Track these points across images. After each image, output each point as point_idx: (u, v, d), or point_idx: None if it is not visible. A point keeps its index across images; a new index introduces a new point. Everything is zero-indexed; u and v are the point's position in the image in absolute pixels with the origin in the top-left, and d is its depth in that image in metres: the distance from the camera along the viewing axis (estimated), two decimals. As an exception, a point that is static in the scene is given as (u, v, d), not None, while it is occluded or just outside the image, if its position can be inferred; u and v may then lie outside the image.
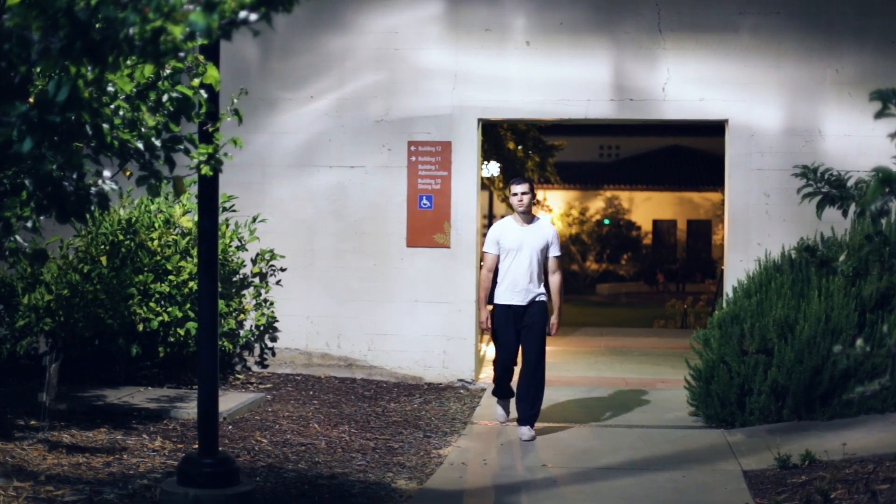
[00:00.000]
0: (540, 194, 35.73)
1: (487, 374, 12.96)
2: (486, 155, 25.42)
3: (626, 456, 9.00)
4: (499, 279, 10.09)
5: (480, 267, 10.69)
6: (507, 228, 10.18)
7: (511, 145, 26.77)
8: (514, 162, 26.95)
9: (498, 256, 10.13)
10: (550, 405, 11.16)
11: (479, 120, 12.63)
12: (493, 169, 26.12)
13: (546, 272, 10.21)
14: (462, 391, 12.00)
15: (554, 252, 10.18)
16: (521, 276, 9.98)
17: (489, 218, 28.98)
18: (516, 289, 10.00)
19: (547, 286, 10.19)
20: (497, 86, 12.57)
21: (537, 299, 10.00)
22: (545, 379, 10.06)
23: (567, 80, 12.49)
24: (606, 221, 41.86)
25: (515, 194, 10.09)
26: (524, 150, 27.51)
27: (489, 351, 15.12)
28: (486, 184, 25.83)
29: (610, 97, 12.46)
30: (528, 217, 10.16)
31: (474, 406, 11.16)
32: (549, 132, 29.19)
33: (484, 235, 10.82)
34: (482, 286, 10.34)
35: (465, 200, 12.53)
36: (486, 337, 13.11)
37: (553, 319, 10.11)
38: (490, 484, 8.14)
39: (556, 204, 40.66)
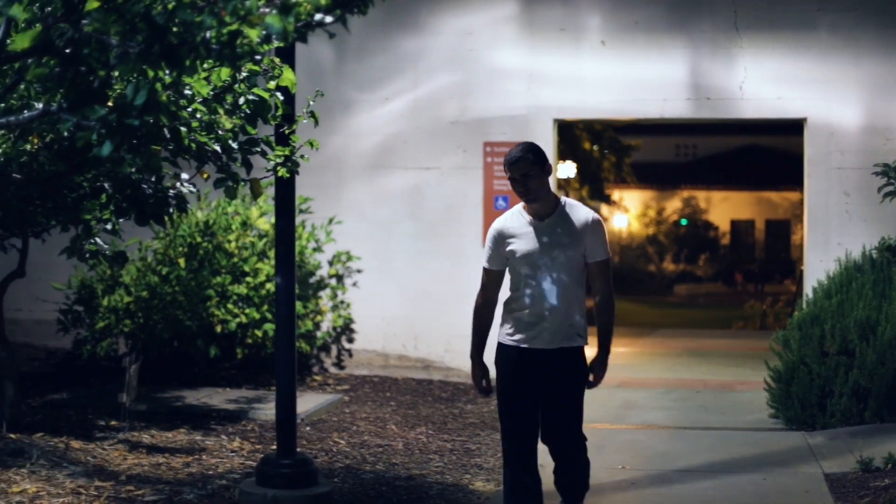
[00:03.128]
0: (616, 194, 35.51)
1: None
2: (562, 155, 25.34)
3: (705, 458, 8.92)
4: (504, 308, 6.45)
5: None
6: (512, 225, 6.34)
7: (587, 145, 26.67)
8: (589, 162, 26.86)
9: (502, 273, 6.47)
10: (627, 407, 11.09)
11: (555, 120, 12.58)
12: (569, 169, 26.03)
13: (586, 287, 6.47)
14: (539, 392, 11.95)
15: (597, 253, 6.27)
16: (543, 301, 6.22)
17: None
18: (535, 324, 6.24)
19: (587, 311, 6.49)
20: (572, 86, 12.52)
21: (572, 343, 6.28)
22: (589, 464, 6.77)
23: (642, 80, 12.41)
24: (684, 222, 41.59)
25: (512, 179, 6.24)
26: (600, 151, 27.40)
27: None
28: (562, 184, 25.73)
29: (686, 96, 12.37)
30: (545, 205, 6.25)
31: (551, 407, 11.10)
32: (624, 132, 29.04)
33: None
34: (475, 324, 6.51)
35: (541, 201, 12.48)
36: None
37: (593, 374, 6.43)
38: (567, 485, 8.09)
39: (633, 204, 40.47)
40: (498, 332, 6.47)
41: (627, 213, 39.26)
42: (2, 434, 8.46)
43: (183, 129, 5.53)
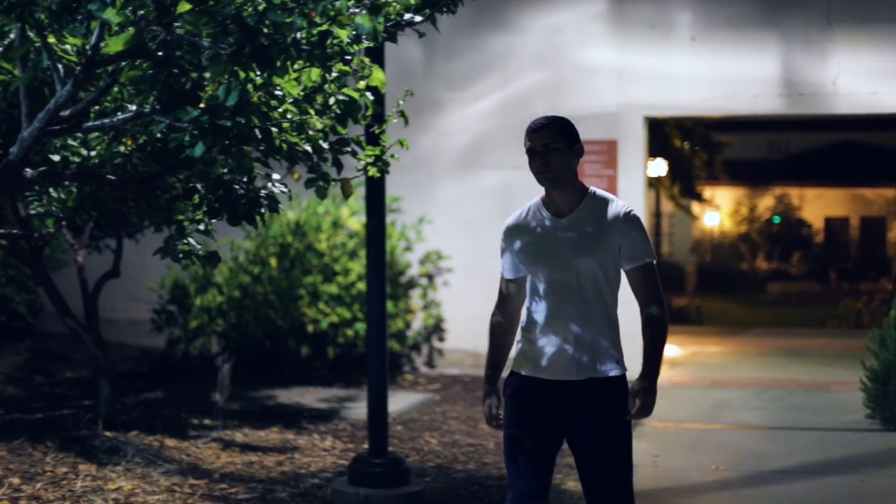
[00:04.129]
0: (707, 192, 35.19)
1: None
2: (653, 153, 25.18)
3: (800, 459, 8.80)
4: (520, 329, 5.14)
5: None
6: (525, 222, 5.15)
7: (678, 143, 26.47)
8: (680, 160, 26.65)
9: (522, 282, 5.19)
10: (719, 407, 10.98)
11: (645, 118, 12.50)
12: (659, 168, 25.86)
13: (628, 300, 5.13)
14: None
15: (635, 257, 4.97)
16: (563, 319, 4.95)
17: (657, 217, 28.69)
18: (553, 348, 4.96)
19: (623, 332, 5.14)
20: (662, 83, 12.43)
21: (606, 372, 4.94)
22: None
23: (733, 76, 12.29)
24: (776, 219, 41.14)
25: (531, 152, 4.99)
26: (691, 148, 27.18)
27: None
28: (653, 182, 25.56)
29: (778, 92, 12.22)
30: (567, 196, 5.02)
31: (643, 407, 11.01)
32: (716, 129, 28.78)
33: (654, 235, 10.15)
34: (490, 344, 5.28)
35: (632, 199, 12.40)
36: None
37: (637, 401, 4.90)
38: (660, 486, 8.03)
39: (725, 202, 40.10)
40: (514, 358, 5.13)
41: (719, 210, 38.90)
42: (98, 432, 8.57)
43: (274, 129, 5.54)
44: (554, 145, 4.97)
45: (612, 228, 4.96)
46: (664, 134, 25.91)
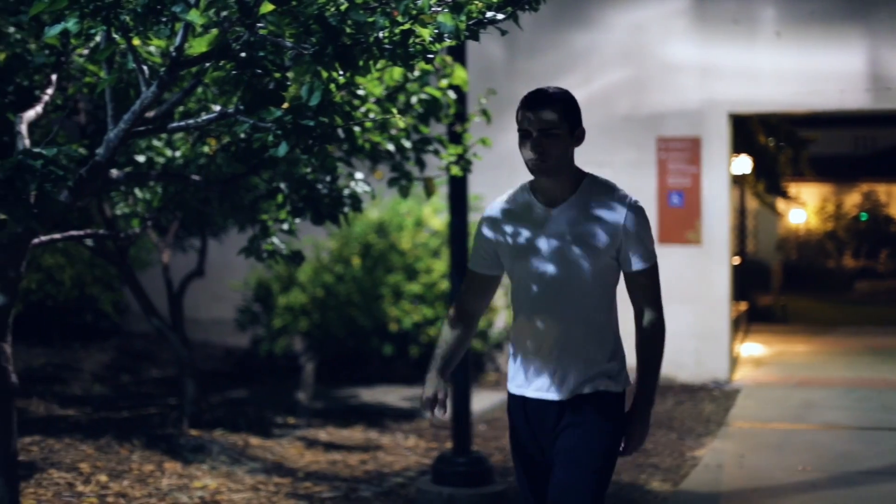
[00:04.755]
0: (793, 189, 34.81)
1: (742, 374, 12.70)
2: (737, 149, 24.93)
3: (889, 460, 8.66)
4: (512, 335, 4.52)
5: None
6: (509, 210, 4.43)
7: (762, 139, 26.21)
8: (765, 156, 26.37)
9: (487, 280, 4.51)
10: (806, 407, 10.85)
11: (730, 115, 12.38)
12: (744, 165, 25.63)
13: (628, 308, 4.54)
14: (715, 392, 11.77)
15: (636, 258, 4.34)
16: (550, 327, 4.32)
17: (742, 214, 28.44)
18: (540, 362, 4.35)
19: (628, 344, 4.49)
20: (746, 79, 12.30)
21: (598, 387, 4.32)
22: None
23: (819, 71, 12.13)
24: (864, 216, 40.60)
25: (524, 133, 4.26)
26: (776, 144, 26.89)
27: (744, 349, 14.84)
28: (737, 180, 25.34)
29: (865, 87, 12.05)
30: (562, 183, 4.35)
31: (728, 407, 10.92)
32: (801, 125, 28.46)
33: (739, 233, 9.91)
34: (444, 335, 4.55)
35: (717, 197, 12.30)
36: (742, 334, 12.83)
37: (629, 424, 4.40)
38: (746, 486, 7.95)
39: (811, 199, 39.67)
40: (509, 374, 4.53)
41: (805, 207, 38.48)
42: (183, 430, 8.65)
43: (357, 129, 5.57)
44: (554, 131, 4.26)
45: (613, 222, 4.28)
46: (749, 130, 25.65)
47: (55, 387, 10.91)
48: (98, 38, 4.75)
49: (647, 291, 4.46)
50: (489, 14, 4.53)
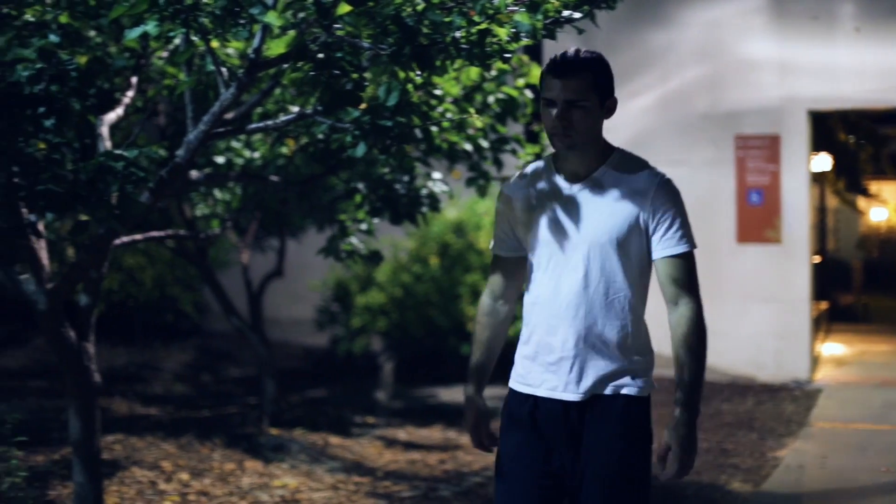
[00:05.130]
0: (874, 187, 34.38)
1: (823, 374, 12.56)
2: (817, 147, 24.67)
3: (974, 460, 8.55)
4: (524, 322, 4.01)
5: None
6: (528, 186, 3.99)
7: (842, 136, 25.92)
8: (845, 154, 26.08)
9: (516, 262, 4.07)
10: (889, 407, 10.71)
11: (809, 111, 12.26)
12: (824, 162, 25.35)
13: (656, 298, 4.10)
14: (796, 391, 11.66)
15: (669, 243, 3.87)
16: (566, 316, 3.84)
17: (822, 212, 28.13)
18: (554, 356, 3.87)
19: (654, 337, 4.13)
20: (825, 75, 12.17)
21: (621, 388, 3.90)
22: None
23: (901, 67, 11.98)
24: (948, 214, 40.04)
25: (548, 103, 3.80)
26: (856, 142, 26.59)
27: (825, 349, 14.68)
28: (817, 178, 25.06)
29: (948, 83, 11.88)
30: (588, 157, 3.92)
31: (810, 407, 10.81)
32: (882, 122, 28.10)
33: (819, 231, 9.68)
34: (474, 338, 4.17)
35: (796, 194, 12.18)
36: (823, 333, 12.69)
37: (671, 441, 3.94)
38: (829, 488, 7.86)
39: (893, 197, 39.17)
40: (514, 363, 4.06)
41: (886, 205, 38.00)
42: (263, 429, 8.71)
43: (434, 128, 5.58)
44: (582, 102, 3.81)
45: (642, 201, 3.82)
46: (828, 128, 25.37)
47: (137, 386, 11.04)
48: (177, 41, 4.81)
49: (681, 281, 3.91)
50: (566, 13, 4.52)
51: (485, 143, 6.34)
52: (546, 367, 3.90)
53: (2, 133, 4.48)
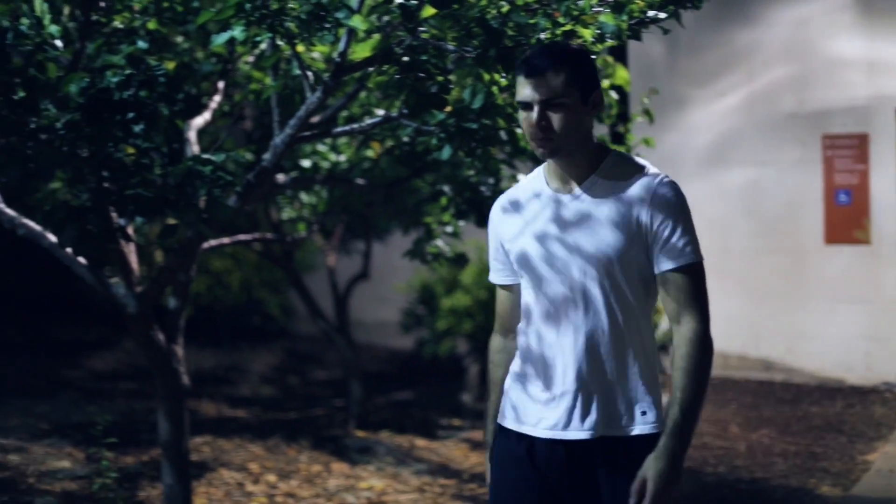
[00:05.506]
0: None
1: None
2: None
3: None
4: (517, 355, 3.68)
5: None
6: (519, 202, 3.63)
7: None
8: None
9: (517, 288, 3.69)
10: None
11: (899, 110, 12.10)
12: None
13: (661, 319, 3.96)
14: (887, 394, 11.50)
15: (671, 255, 3.48)
16: (562, 345, 3.46)
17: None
18: (551, 391, 3.49)
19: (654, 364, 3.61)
20: (917, 73, 12.00)
21: (631, 428, 3.47)
22: None
23: None
24: None
25: (524, 106, 3.38)
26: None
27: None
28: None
29: None
30: (577, 160, 3.47)
31: (901, 409, 10.67)
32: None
33: None
34: (490, 372, 3.93)
35: (885, 194, 12.00)
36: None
37: (647, 474, 3.31)
38: (918, 491, 7.76)
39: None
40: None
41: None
42: (350, 432, 8.75)
43: (519, 130, 5.57)
44: (560, 100, 3.36)
45: (640, 208, 3.43)
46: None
47: (225, 388, 11.14)
48: (263, 46, 4.86)
49: (684, 298, 3.44)
50: (651, 13, 4.50)
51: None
52: (544, 403, 3.49)
53: (92, 139, 4.55)
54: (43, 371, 10.86)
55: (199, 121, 6.30)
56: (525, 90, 3.37)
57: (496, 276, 3.76)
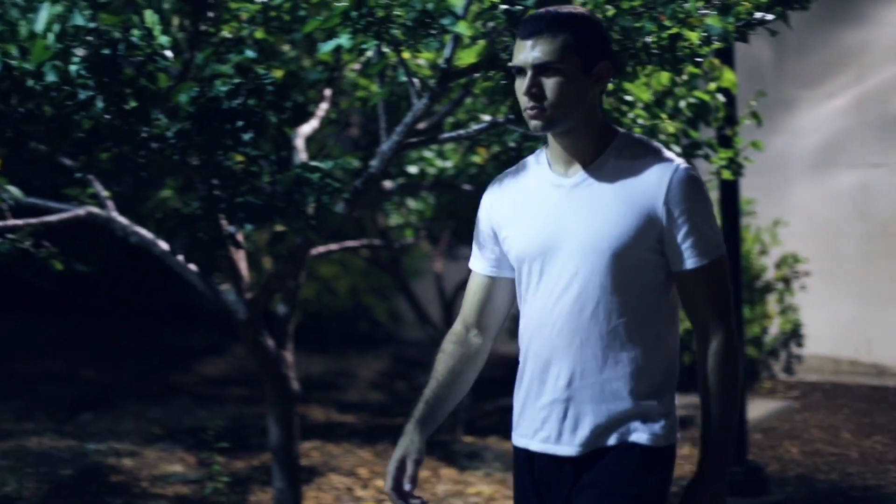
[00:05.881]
0: None
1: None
2: None
3: None
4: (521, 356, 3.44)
5: None
6: (517, 186, 3.25)
7: None
8: None
9: (490, 283, 3.46)
10: None
11: None
12: None
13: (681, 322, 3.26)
14: None
15: (689, 252, 3.03)
16: (558, 347, 3.16)
17: None
18: (545, 399, 3.22)
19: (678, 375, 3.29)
20: None
21: (626, 436, 3.10)
22: None
23: None
24: None
25: (518, 71, 3.06)
26: None
27: None
28: None
29: None
30: (581, 140, 3.08)
31: None
32: None
33: None
34: (436, 362, 3.56)
35: None
36: None
37: (706, 490, 3.27)
38: None
39: None
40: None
41: None
42: (458, 437, 8.77)
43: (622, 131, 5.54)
44: (555, 65, 2.99)
45: (653, 197, 3.00)
46: None
47: (333, 393, 11.22)
48: (369, 53, 4.89)
49: (706, 301, 3.06)
50: (758, 14, 4.46)
51: (677, 149, 6.27)
52: (539, 411, 3.19)
53: (202, 147, 4.62)
54: (155, 376, 11.04)
55: (307, 128, 6.37)
56: (520, 54, 3.03)
57: (478, 264, 3.39)
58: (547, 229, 3.09)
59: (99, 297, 12.62)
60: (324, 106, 6.50)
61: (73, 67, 4.20)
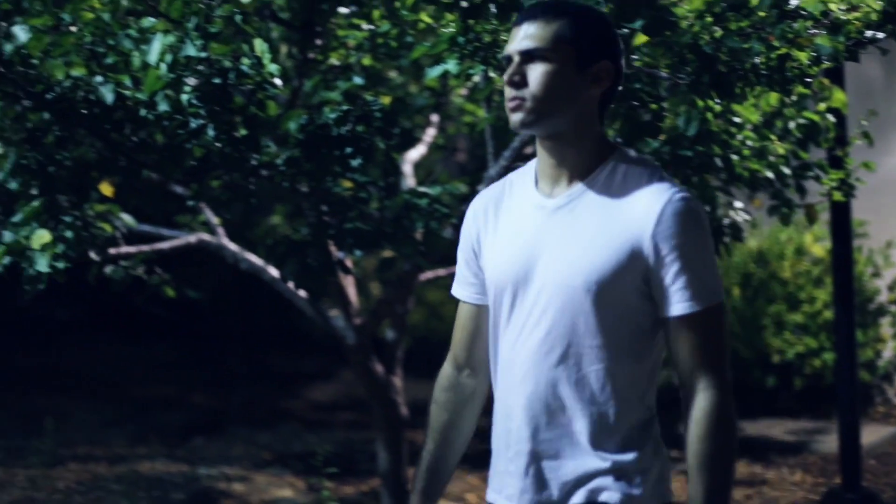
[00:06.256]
0: None
1: None
2: None
3: None
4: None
5: None
6: (499, 203, 2.83)
7: None
8: None
9: (478, 311, 2.94)
10: None
11: None
12: None
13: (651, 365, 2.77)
14: None
15: (681, 293, 2.57)
16: (522, 393, 2.72)
17: None
18: (512, 450, 2.77)
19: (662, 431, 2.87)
20: None
21: (597, 494, 2.64)
22: None
23: None
24: None
25: (507, 61, 2.66)
26: None
27: None
28: None
29: None
30: (571, 153, 2.67)
31: None
32: None
33: None
34: (430, 415, 3.13)
35: None
36: None
37: None
38: None
39: None
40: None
41: None
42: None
43: (735, 157, 5.49)
44: (543, 52, 2.61)
45: (641, 229, 2.59)
46: None
47: (441, 419, 11.22)
48: (476, 78, 4.91)
49: (699, 352, 2.62)
50: (868, 33, 4.40)
51: (787, 170, 6.19)
52: (506, 464, 2.80)
53: (311, 174, 4.66)
54: (265, 401, 11.14)
55: (415, 154, 6.40)
56: (510, 44, 2.67)
57: (461, 291, 2.98)
58: (521, 258, 2.69)
59: (210, 323, 12.79)
60: (431, 131, 6.53)
61: (184, 97, 4.27)
